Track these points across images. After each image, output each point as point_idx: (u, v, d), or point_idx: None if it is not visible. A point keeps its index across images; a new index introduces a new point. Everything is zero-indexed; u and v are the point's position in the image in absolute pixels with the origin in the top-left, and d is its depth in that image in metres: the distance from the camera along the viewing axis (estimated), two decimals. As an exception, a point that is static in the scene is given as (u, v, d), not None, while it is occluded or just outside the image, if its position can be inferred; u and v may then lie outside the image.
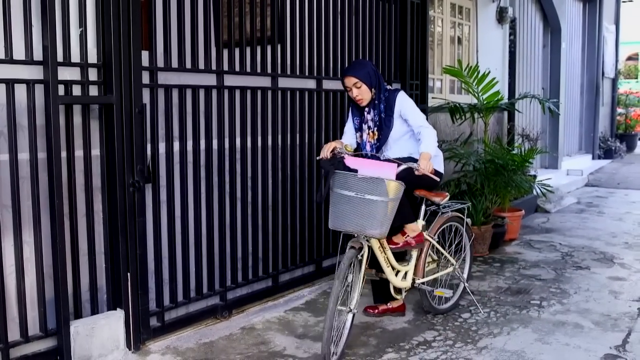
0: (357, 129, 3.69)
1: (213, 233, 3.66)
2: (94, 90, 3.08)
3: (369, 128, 3.62)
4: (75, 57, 2.98)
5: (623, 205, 7.87)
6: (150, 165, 3.27)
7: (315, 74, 4.32)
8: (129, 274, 3.17)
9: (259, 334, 3.53)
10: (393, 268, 3.53)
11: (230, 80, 3.71)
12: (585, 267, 4.95)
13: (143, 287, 3.24)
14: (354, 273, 3.23)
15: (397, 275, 3.57)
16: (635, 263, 5.05)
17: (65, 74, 2.93)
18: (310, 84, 4.32)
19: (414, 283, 3.63)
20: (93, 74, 3.07)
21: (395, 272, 3.56)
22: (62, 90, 2.91)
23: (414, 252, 3.66)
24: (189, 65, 3.49)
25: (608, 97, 13.25)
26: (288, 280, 4.22)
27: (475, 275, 4.69)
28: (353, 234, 3.27)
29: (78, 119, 3.03)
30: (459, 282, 4.04)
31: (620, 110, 14.22)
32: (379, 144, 3.60)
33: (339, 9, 4.48)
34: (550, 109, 6.54)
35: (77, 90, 3.01)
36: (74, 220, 3.03)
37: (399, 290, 3.68)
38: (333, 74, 4.44)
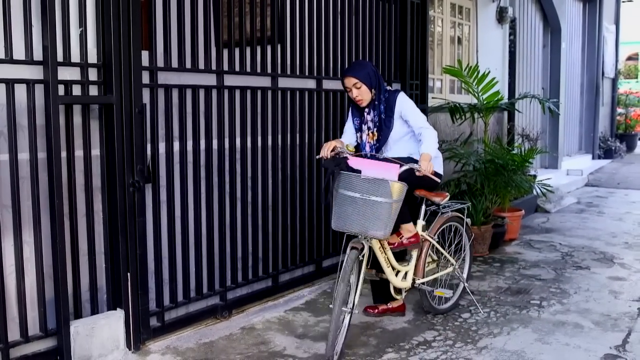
0: (357, 129, 3.69)
1: (213, 233, 3.67)
2: (94, 90, 3.08)
3: (369, 129, 3.62)
4: (75, 57, 2.98)
5: (623, 205, 7.87)
6: (150, 165, 3.27)
7: (315, 74, 4.32)
8: (129, 274, 3.17)
9: (259, 334, 3.53)
10: (393, 268, 3.54)
11: (230, 80, 3.71)
12: (585, 267, 4.95)
13: (143, 287, 3.24)
14: (355, 273, 3.23)
15: (397, 276, 3.57)
16: (635, 263, 5.06)
17: (65, 74, 2.93)
18: (310, 84, 4.32)
19: (414, 283, 3.64)
20: (93, 74, 3.07)
21: (396, 272, 3.57)
22: (62, 90, 2.91)
23: (414, 252, 3.66)
24: (189, 65, 3.49)
25: (608, 97, 13.25)
26: (288, 280, 4.22)
27: (475, 275, 4.69)
28: (355, 235, 3.27)
29: (78, 119, 3.03)
30: (459, 282, 4.04)
31: (620, 110, 14.22)
32: (379, 145, 3.60)
33: (339, 9, 4.48)
34: (550, 109, 6.54)
35: (77, 90, 3.01)
36: (74, 220, 3.03)
37: (399, 291, 3.68)
38: (333, 74, 4.44)
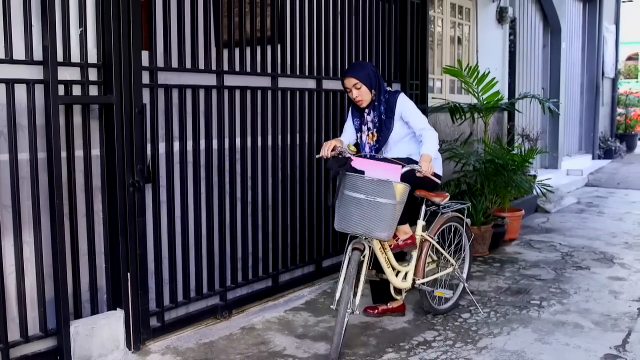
0: (356, 130, 3.69)
1: (213, 233, 3.67)
2: (94, 90, 3.08)
3: (369, 129, 3.62)
4: (75, 57, 2.98)
5: (623, 205, 7.87)
6: (150, 165, 3.27)
7: (315, 74, 4.32)
8: (129, 274, 3.17)
9: (259, 334, 3.53)
10: (393, 269, 3.54)
11: (230, 80, 3.71)
12: (585, 267, 4.95)
13: (143, 287, 3.24)
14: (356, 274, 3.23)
15: (397, 276, 3.57)
16: (635, 263, 5.05)
17: (65, 74, 2.93)
18: (310, 84, 4.32)
19: (414, 283, 3.64)
20: (93, 74, 3.07)
21: (396, 272, 3.57)
22: (62, 90, 2.91)
23: (414, 252, 3.66)
24: (189, 65, 3.49)
25: (608, 97, 13.25)
26: (288, 280, 4.22)
27: (475, 275, 4.69)
28: (356, 235, 3.27)
29: (78, 119, 3.03)
30: (459, 282, 4.04)
31: (620, 110, 14.22)
32: (378, 146, 3.60)
33: (339, 9, 4.48)
34: (550, 109, 6.54)
35: (77, 90, 3.01)
36: (74, 220, 3.03)
37: (399, 291, 3.68)
38: (333, 74, 4.44)
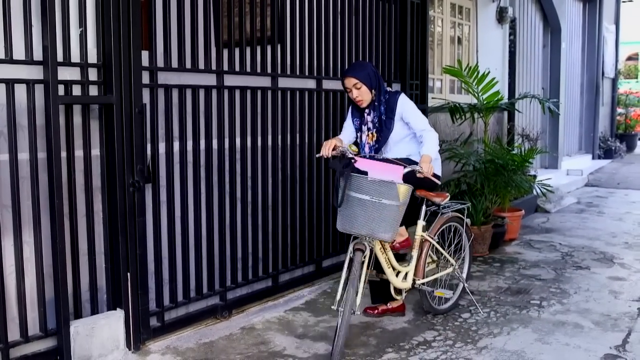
0: (356, 129, 3.69)
1: (213, 233, 3.66)
2: (94, 90, 3.08)
3: (369, 129, 3.62)
4: (75, 57, 2.98)
5: (623, 205, 7.87)
6: (150, 165, 3.27)
7: (315, 74, 4.32)
8: (129, 274, 3.17)
9: (259, 334, 3.53)
10: (394, 269, 3.54)
11: (230, 80, 3.71)
12: (585, 267, 4.95)
13: (143, 287, 3.24)
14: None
15: (397, 276, 3.57)
16: (635, 263, 5.05)
17: (65, 74, 2.93)
18: (310, 84, 4.32)
19: (414, 284, 3.64)
20: (93, 74, 3.07)
21: (396, 272, 3.56)
22: (62, 90, 2.91)
23: (415, 252, 3.66)
24: (189, 65, 3.49)
25: (608, 97, 13.26)
26: (288, 280, 4.22)
27: (475, 275, 4.69)
28: (357, 236, 3.27)
29: (78, 119, 3.03)
30: (459, 282, 4.04)
31: (620, 110, 14.22)
32: (378, 146, 3.60)
33: (339, 9, 4.48)
34: (550, 109, 6.54)
35: (77, 90, 3.01)
36: (74, 221, 3.03)
37: (399, 291, 3.68)
38: (333, 74, 4.44)
